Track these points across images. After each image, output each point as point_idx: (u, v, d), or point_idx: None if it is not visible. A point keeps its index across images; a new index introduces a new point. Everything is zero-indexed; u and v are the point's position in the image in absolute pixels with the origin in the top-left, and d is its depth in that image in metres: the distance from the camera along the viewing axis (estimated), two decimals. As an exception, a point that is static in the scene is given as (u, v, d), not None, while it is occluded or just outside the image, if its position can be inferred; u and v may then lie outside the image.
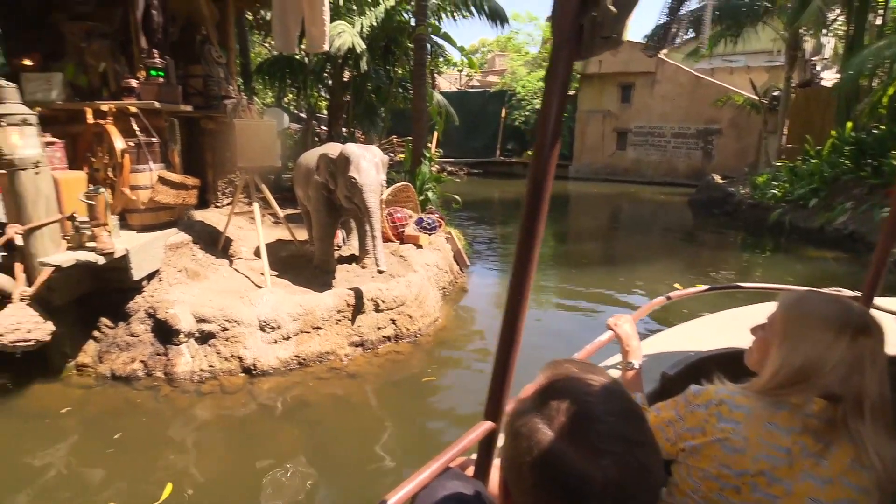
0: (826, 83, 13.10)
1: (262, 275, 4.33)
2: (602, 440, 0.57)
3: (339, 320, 4.07)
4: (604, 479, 0.55)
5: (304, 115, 12.12)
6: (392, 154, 10.71)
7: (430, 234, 5.81)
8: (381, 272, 4.15)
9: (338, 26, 7.70)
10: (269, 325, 3.81)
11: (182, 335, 3.66)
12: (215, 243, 4.93)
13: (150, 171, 4.45)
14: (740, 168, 14.66)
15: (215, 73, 6.03)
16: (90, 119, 4.36)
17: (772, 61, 17.12)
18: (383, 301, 4.27)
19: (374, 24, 8.43)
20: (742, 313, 2.20)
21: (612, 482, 0.55)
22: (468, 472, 0.94)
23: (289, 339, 3.86)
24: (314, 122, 11.30)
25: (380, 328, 4.23)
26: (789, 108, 12.69)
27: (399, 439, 3.25)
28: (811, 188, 9.40)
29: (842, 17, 11.68)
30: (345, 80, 9.60)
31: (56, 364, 3.66)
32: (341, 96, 9.64)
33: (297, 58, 9.29)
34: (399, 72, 9.42)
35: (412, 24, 8.25)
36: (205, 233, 4.99)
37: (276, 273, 4.50)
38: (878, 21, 11.05)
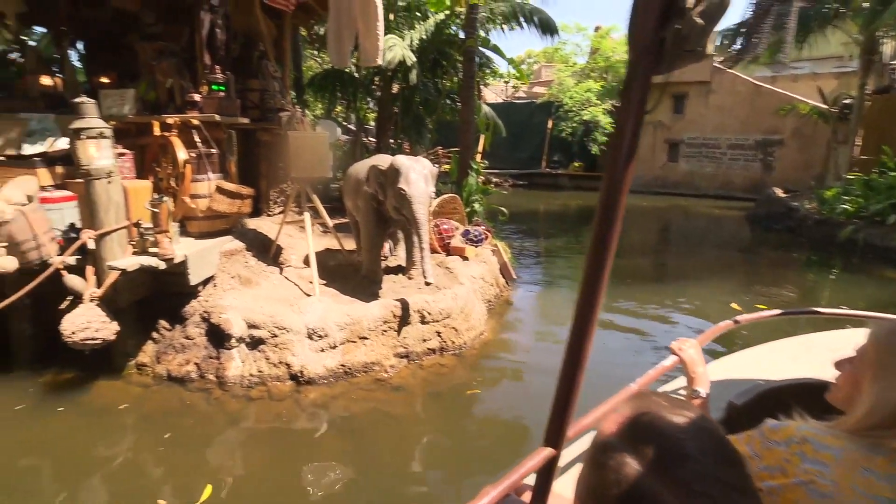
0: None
1: (311, 283, 4.42)
2: (697, 481, 0.54)
3: (385, 331, 4.09)
4: None
5: (352, 127, 12.42)
6: (437, 165, 10.78)
7: (476, 246, 5.78)
8: (428, 284, 4.15)
9: (389, 40, 7.86)
10: (316, 333, 3.87)
11: (234, 340, 3.78)
12: (267, 251, 5.09)
13: (209, 180, 4.66)
14: (805, 181, 13.83)
15: (271, 87, 6.27)
16: (157, 131, 4.62)
17: (841, 67, 16.12)
18: (429, 313, 4.26)
19: (424, 37, 8.55)
20: (817, 340, 2.04)
21: None
22: (524, 497, 0.90)
23: (335, 347, 3.91)
24: (362, 133, 11.56)
25: (425, 340, 4.21)
26: (863, 117, 11.87)
27: (442, 454, 3.21)
28: (889, 203, 8.72)
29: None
30: (393, 92, 9.77)
31: (118, 362, 3.86)
32: (390, 108, 9.81)
33: (348, 71, 9.55)
34: (447, 84, 9.50)
35: (461, 36, 8.32)
36: (257, 241, 5.16)
37: (325, 282, 4.58)
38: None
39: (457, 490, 2.87)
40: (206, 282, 4.21)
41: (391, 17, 8.98)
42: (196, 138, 4.62)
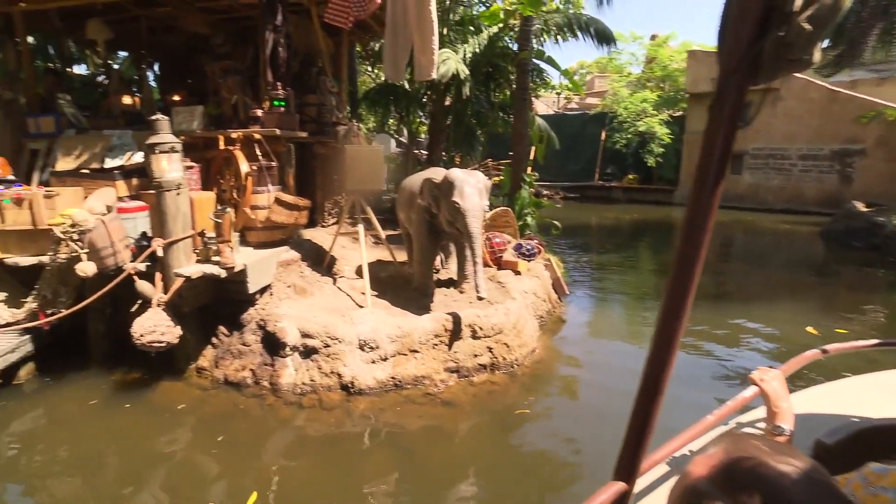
0: None
1: (364, 294, 4.47)
2: None
3: (436, 345, 4.06)
4: None
5: (404, 140, 12.62)
6: (488, 177, 10.73)
7: (528, 261, 5.68)
8: (480, 298, 4.10)
9: (443, 54, 7.93)
10: (368, 344, 3.90)
11: (288, 348, 3.86)
12: (321, 261, 5.20)
13: (269, 192, 4.83)
14: (891, 193, 12.69)
15: (328, 102, 6.47)
16: (222, 145, 4.86)
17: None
18: (481, 328, 4.20)
19: (478, 50, 8.58)
20: None
21: None
22: None
23: (386, 360, 3.92)
24: (414, 146, 11.72)
25: (476, 356, 4.15)
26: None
27: (489, 473, 3.13)
28: None
29: None
30: (446, 104, 9.85)
31: (180, 365, 4.05)
32: (442, 121, 9.89)
33: (401, 85, 9.72)
34: (499, 96, 9.47)
35: (514, 48, 8.28)
36: (312, 251, 5.29)
37: (377, 293, 4.62)
38: None
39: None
40: (263, 290, 4.35)
41: (445, 31, 9.08)
42: (257, 151, 4.82)
